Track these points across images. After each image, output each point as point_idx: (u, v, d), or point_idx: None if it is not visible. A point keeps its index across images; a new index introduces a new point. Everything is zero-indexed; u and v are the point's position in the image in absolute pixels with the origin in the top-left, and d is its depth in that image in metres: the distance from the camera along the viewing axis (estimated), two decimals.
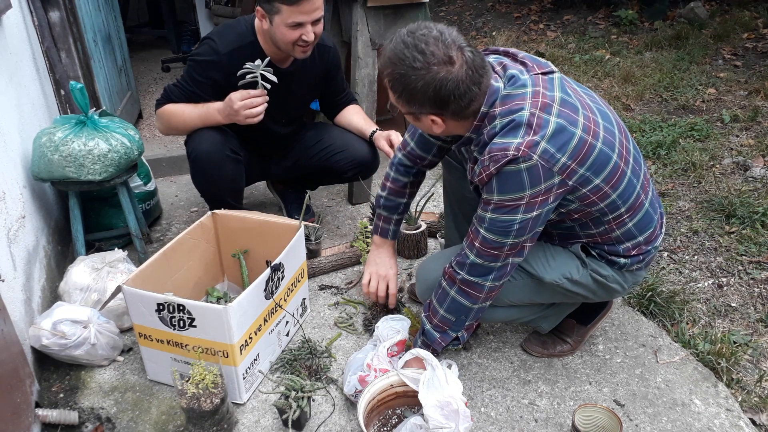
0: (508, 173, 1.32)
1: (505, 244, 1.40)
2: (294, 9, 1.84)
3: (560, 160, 1.32)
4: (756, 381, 1.73)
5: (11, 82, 2.05)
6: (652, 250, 1.58)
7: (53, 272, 2.12)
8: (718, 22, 5.65)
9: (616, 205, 1.45)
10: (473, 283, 1.48)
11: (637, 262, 1.57)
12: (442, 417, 1.36)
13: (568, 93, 1.39)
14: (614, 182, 1.41)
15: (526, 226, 1.38)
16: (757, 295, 2.13)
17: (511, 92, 1.36)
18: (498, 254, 1.43)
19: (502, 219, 1.37)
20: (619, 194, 1.43)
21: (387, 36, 2.65)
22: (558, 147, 1.31)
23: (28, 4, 2.40)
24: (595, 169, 1.37)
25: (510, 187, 1.34)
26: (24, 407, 1.48)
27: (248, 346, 1.62)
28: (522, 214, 1.36)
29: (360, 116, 2.35)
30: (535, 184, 1.32)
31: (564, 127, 1.32)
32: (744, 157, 3.11)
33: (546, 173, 1.32)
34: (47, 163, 1.98)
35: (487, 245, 1.42)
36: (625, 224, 1.50)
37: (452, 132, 1.45)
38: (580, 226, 1.52)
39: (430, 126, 1.41)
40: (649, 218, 1.53)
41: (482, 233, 1.41)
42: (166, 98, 2.08)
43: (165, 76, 4.83)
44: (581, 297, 1.64)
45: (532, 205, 1.35)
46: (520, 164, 1.30)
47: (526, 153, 1.29)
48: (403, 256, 2.38)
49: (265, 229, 1.96)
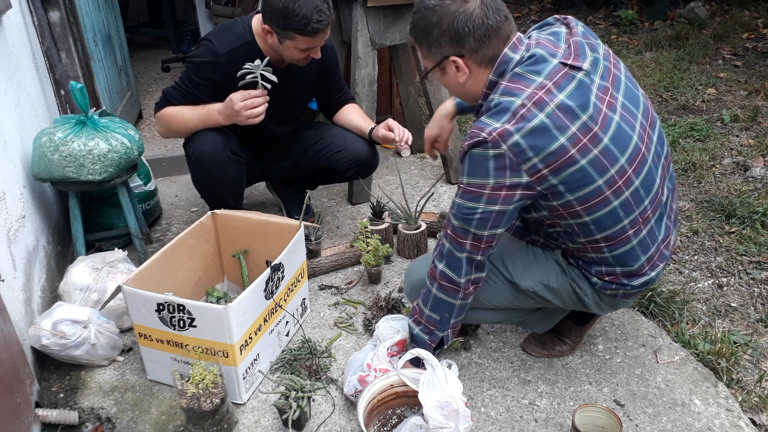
0: (477, 156, 1.31)
1: (469, 233, 1.39)
2: (309, 39, 1.88)
3: (531, 160, 1.27)
4: (756, 381, 1.73)
5: (11, 82, 2.05)
6: (630, 287, 1.48)
7: (53, 272, 2.12)
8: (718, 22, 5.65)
9: (588, 230, 1.40)
10: (449, 277, 1.47)
11: (611, 289, 1.50)
12: (442, 417, 1.36)
13: (581, 98, 1.29)
14: (590, 206, 1.35)
15: (488, 218, 1.35)
16: (757, 295, 2.13)
17: (521, 73, 1.32)
18: (463, 242, 1.41)
19: (466, 205, 1.37)
20: (595, 220, 1.37)
21: (387, 36, 2.65)
22: (532, 146, 1.26)
23: (28, 4, 2.40)
24: (569, 185, 1.31)
25: (475, 170, 1.32)
26: (24, 407, 1.48)
27: (248, 346, 1.62)
28: (484, 204, 1.34)
29: (358, 115, 2.35)
30: (500, 175, 1.30)
31: (548, 128, 1.26)
32: (744, 157, 3.11)
33: (513, 168, 1.28)
34: (47, 163, 1.98)
35: (454, 232, 1.42)
36: (601, 251, 1.45)
37: (474, 87, 1.42)
38: (557, 234, 1.51)
39: (455, 76, 1.40)
40: (633, 256, 1.44)
41: (451, 220, 1.42)
42: (165, 101, 2.08)
43: (165, 76, 4.83)
44: (558, 305, 1.61)
45: (494, 197, 1.32)
46: (489, 150, 1.28)
47: (496, 140, 1.27)
48: (403, 256, 2.38)
49: (265, 229, 1.96)
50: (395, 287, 2.19)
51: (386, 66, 3.24)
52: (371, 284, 2.22)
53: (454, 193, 2.91)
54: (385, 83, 3.38)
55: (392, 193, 2.88)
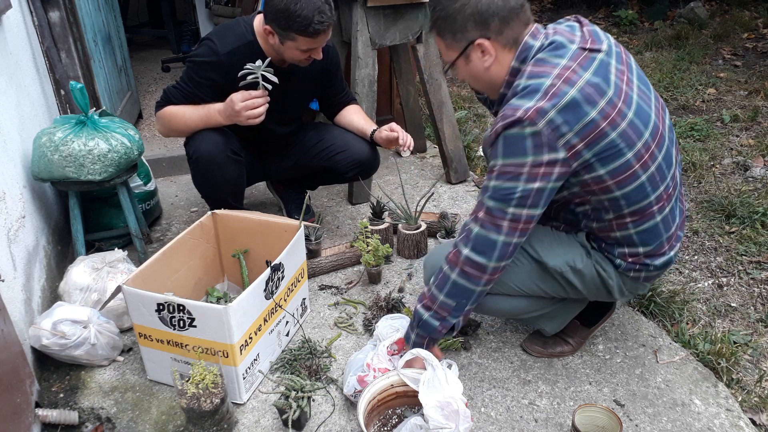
0: (512, 136, 1.33)
1: (507, 214, 1.38)
2: (310, 40, 1.89)
3: (566, 135, 1.31)
4: (756, 381, 1.73)
5: (11, 82, 2.05)
6: (653, 267, 1.52)
7: (53, 272, 2.12)
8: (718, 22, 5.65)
9: (618, 205, 1.43)
10: (476, 262, 1.44)
11: (634, 270, 1.54)
12: (442, 417, 1.36)
13: (604, 76, 1.35)
14: (621, 180, 1.38)
15: (527, 196, 1.36)
16: (757, 295, 2.13)
17: (545, 57, 1.37)
18: (500, 225, 1.40)
19: (504, 186, 1.37)
20: (624, 195, 1.41)
21: (387, 36, 2.65)
22: (566, 121, 1.30)
23: (28, 4, 2.40)
24: (602, 159, 1.35)
25: (513, 150, 1.33)
26: (24, 407, 1.48)
27: (248, 346, 1.62)
28: (524, 183, 1.34)
29: (360, 116, 2.35)
30: (538, 153, 1.32)
31: (579, 103, 1.30)
32: (744, 157, 3.11)
33: (550, 145, 1.31)
34: (47, 163, 1.98)
35: (490, 214, 1.40)
36: (626, 228, 1.47)
37: (498, 72, 1.44)
38: (583, 214, 1.52)
39: (480, 62, 1.43)
40: (656, 233, 1.48)
41: (485, 203, 1.41)
42: (165, 100, 2.08)
43: (165, 76, 4.83)
44: (582, 292, 1.61)
45: (534, 176, 1.34)
46: (525, 128, 1.31)
47: (533, 118, 1.29)
48: (403, 256, 2.39)
49: (265, 229, 1.96)
50: (395, 287, 2.19)
51: (386, 66, 3.24)
52: (371, 284, 2.22)
53: (454, 193, 2.91)
54: (385, 83, 3.38)
55: (392, 193, 2.88)
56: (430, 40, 2.81)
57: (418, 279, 2.25)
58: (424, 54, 2.81)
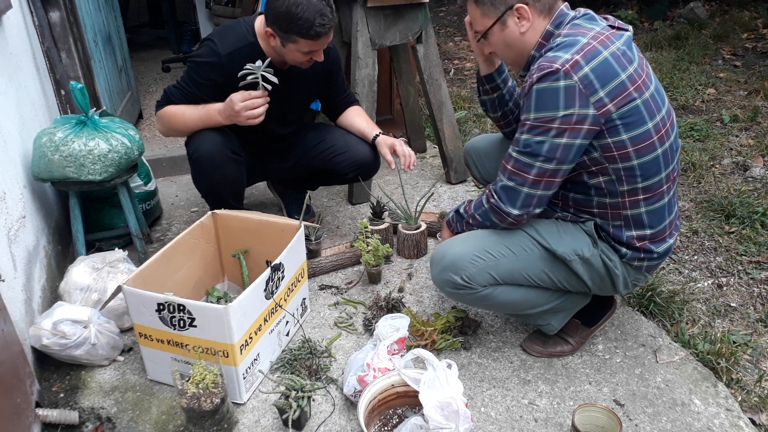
0: (546, 89, 1.37)
1: (533, 167, 1.44)
2: (312, 42, 1.89)
3: (598, 93, 1.36)
4: (756, 381, 1.73)
5: (11, 82, 2.05)
6: (656, 254, 1.57)
7: (53, 272, 2.12)
8: (717, 22, 5.65)
9: (633, 175, 1.46)
10: (501, 210, 1.53)
11: (638, 259, 1.57)
12: (442, 417, 1.36)
13: (631, 49, 1.46)
14: (640, 148, 1.43)
15: (554, 150, 1.41)
16: (756, 295, 2.13)
17: (581, 23, 1.46)
18: (526, 176, 1.46)
19: (533, 140, 1.42)
20: (641, 165, 1.45)
21: (387, 36, 2.65)
22: (599, 78, 1.36)
23: (28, 4, 2.40)
24: (627, 123, 1.40)
25: (545, 103, 1.38)
26: (24, 407, 1.48)
27: (248, 346, 1.62)
28: (552, 137, 1.40)
29: (362, 118, 2.35)
30: (569, 106, 1.36)
31: (611, 64, 1.37)
32: (744, 157, 3.11)
33: (582, 100, 1.36)
34: (47, 163, 1.98)
35: (517, 166, 1.47)
36: (637, 206, 1.51)
37: (531, 38, 1.50)
38: (596, 190, 1.54)
39: (516, 28, 1.48)
40: (662, 215, 1.54)
41: (514, 156, 1.47)
42: (166, 100, 2.08)
43: (165, 76, 4.83)
44: (587, 284, 1.62)
45: (562, 131, 1.39)
46: (560, 81, 1.35)
47: (568, 71, 1.35)
48: (403, 256, 2.39)
49: (265, 229, 1.96)
50: (395, 287, 2.20)
51: (386, 66, 3.24)
52: (371, 284, 2.22)
53: (454, 193, 2.92)
54: (385, 83, 3.38)
55: (392, 193, 2.88)
56: (430, 40, 2.81)
57: (418, 279, 2.25)
58: (424, 54, 2.81)
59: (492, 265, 1.58)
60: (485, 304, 1.67)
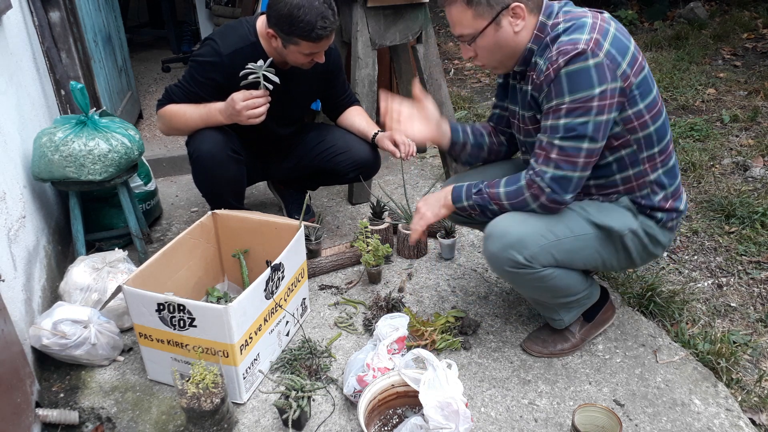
0: (577, 71, 1.38)
1: (582, 150, 1.43)
2: (313, 44, 1.90)
3: (621, 65, 1.40)
4: (756, 381, 1.73)
5: (11, 82, 2.05)
6: (681, 210, 1.63)
7: (53, 272, 2.12)
8: (717, 22, 5.65)
9: (651, 141, 1.52)
10: (556, 201, 1.50)
11: (670, 220, 1.61)
12: (442, 417, 1.36)
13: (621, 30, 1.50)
14: (654, 113, 1.49)
15: (598, 129, 1.42)
16: (756, 295, 2.13)
17: (571, 9, 1.50)
18: (576, 161, 1.45)
19: (576, 122, 1.41)
20: (656, 129, 1.51)
21: (387, 36, 2.65)
22: (618, 52, 1.40)
23: (28, 4, 2.40)
24: (642, 91, 1.45)
25: (580, 84, 1.39)
26: (24, 407, 1.48)
27: (248, 346, 1.62)
28: (594, 116, 1.40)
29: (363, 118, 2.35)
30: (603, 83, 1.38)
31: (621, 39, 1.43)
32: (744, 157, 3.11)
33: (611, 74, 1.39)
34: (47, 163, 1.98)
35: (564, 153, 1.45)
36: (656, 168, 1.56)
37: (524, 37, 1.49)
38: (618, 165, 1.55)
39: (510, 27, 1.47)
40: (675, 170, 1.61)
41: (557, 143, 1.45)
42: (167, 98, 2.08)
43: (165, 76, 4.83)
44: (634, 259, 1.63)
45: (602, 108, 1.40)
46: (589, 60, 1.37)
47: (594, 49, 1.37)
48: (403, 256, 2.39)
49: (265, 229, 1.96)
50: (395, 287, 2.20)
51: (386, 66, 3.24)
52: (371, 284, 2.22)
53: None
54: (385, 83, 3.38)
55: (392, 193, 2.88)
56: (430, 40, 2.81)
57: (418, 279, 2.25)
58: (424, 54, 2.81)
59: (554, 245, 1.54)
60: (536, 285, 1.61)
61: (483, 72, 5.14)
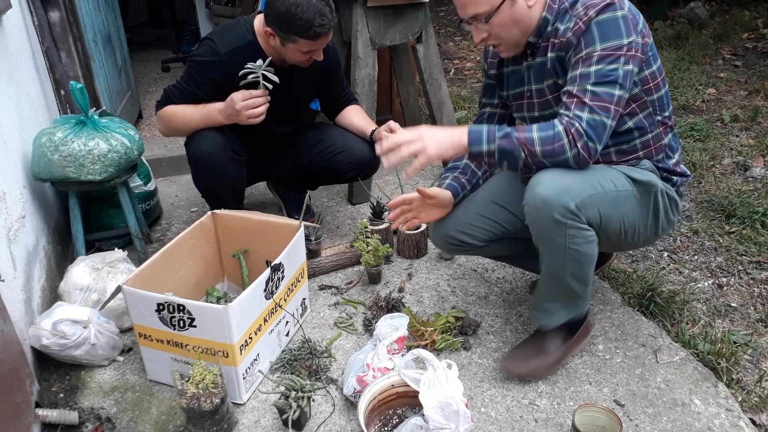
0: (608, 21, 1.43)
1: (614, 96, 1.44)
2: (311, 42, 1.90)
3: (639, 23, 1.47)
4: (756, 381, 1.73)
5: (11, 82, 2.05)
6: (687, 174, 1.70)
7: (53, 272, 2.12)
8: (718, 22, 5.65)
9: (663, 103, 1.59)
10: (592, 149, 1.44)
11: (681, 184, 1.68)
12: (442, 418, 1.36)
13: None
14: (662, 77, 1.57)
15: (626, 77, 1.45)
16: (757, 295, 2.13)
17: None
18: (609, 107, 1.44)
19: (608, 69, 1.43)
20: (665, 93, 1.59)
21: (387, 36, 2.65)
22: (635, 12, 1.48)
23: (28, 4, 2.40)
24: (653, 54, 1.53)
25: (611, 33, 1.43)
26: (24, 407, 1.48)
27: (248, 346, 1.62)
28: (623, 64, 1.43)
29: (361, 116, 2.35)
30: (629, 34, 1.44)
31: (633, 5, 1.50)
32: (744, 157, 3.11)
33: (634, 28, 1.45)
34: (47, 163, 1.98)
35: (598, 98, 1.44)
36: (668, 132, 1.63)
37: (536, 12, 1.52)
38: (638, 130, 1.60)
39: (524, 1, 1.49)
40: (677, 138, 1.70)
41: (590, 89, 1.44)
42: (166, 99, 2.08)
43: (165, 76, 4.84)
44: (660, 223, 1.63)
45: (629, 57, 1.44)
46: (617, 12, 1.43)
47: (621, 2, 1.44)
48: (403, 256, 2.39)
49: (265, 229, 1.96)
50: (395, 287, 2.19)
51: (386, 66, 3.24)
52: (371, 284, 2.22)
53: None
54: (385, 83, 3.38)
55: (392, 193, 2.88)
56: (430, 40, 2.81)
57: (418, 279, 2.25)
58: (424, 54, 2.81)
59: (601, 197, 1.48)
60: (571, 248, 1.50)
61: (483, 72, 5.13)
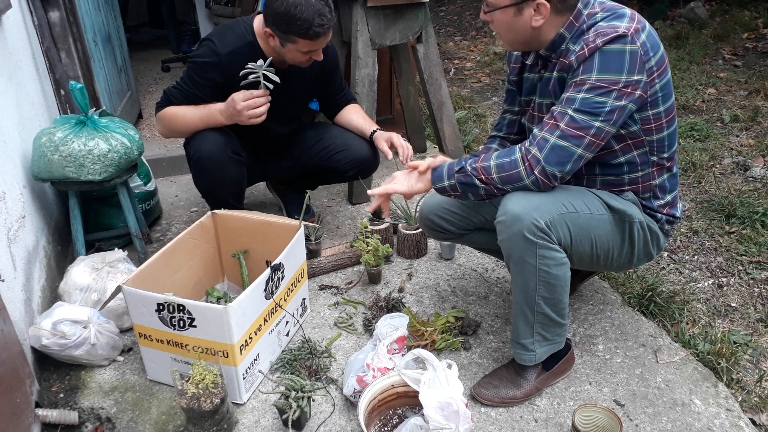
0: (612, 52, 1.40)
1: (592, 127, 1.42)
2: (311, 42, 1.90)
3: (651, 60, 1.42)
4: (756, 381, 1.73)
5: (11, 82, 2.05)
6: (677, 216, 1.66)
7: (53, 272, 2.12)
8: (718, 22, 5.65)
9: (663, 145, 1.55)
10: (551, 174, 1.46)
11: (668, 222, 1.65)
12: (442, 418, 1.36)
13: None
14: (670, 118, 1.53)
15: (613, 112, 1.42)
16: (757, 295, 2.13)
17: (605, 0, 1.51)
18: (583, 137, 1.43)
19: (595, 100, 1.41)
20: (669, 134, 1.54)
21: (387, 36, 2.65)
22: (652, 47, 1.42)
23: (28, 4, 2.40)
24: (665, 94, 1.48)
25: (611, 66, 1.40)
26: (24, 407, 1.48)
27: (248, 346, 1.62)
28: (613, 99, 1.41)
29: (360, 115, 2.35)
30: (632, 72, 1.40)
31: (655, 37, 1.45)
32: (744, 157, 3.11)
33: (641, 65, 1.41)
34: (47, 163, 1.98)
35: (573, 125, 1.43)
36: (662, 173, 1.60)
37: (547, 32, 1.50)
38: (629, 166, 1.57)
39: (529, 19, 1.47)
40: (676, 179, 1.65)
41: (570, 114, 1.43)
42: (166, 101, 2.08)
43: (165, 76, 4.83)
44: (636, 253, 1.63)
45: (623, 94, 1.41)
46: (627, 45, 1.39)
47: (634, 36, 1.39)
48: (403, 256, 2.39)
49: (265, 229, 1.96)
50: (395, 287, 2.19)
51: (386, 66, 3.24)
52: (371, 284, 2.22)
53: None
54: (385, 83, 3.38)
55: None
56: (430, 39, 2.81)
57: (418, 279, 2.25)
58: (424, 54, 2.81)
59: (572, 218, 1.50)
60: (542, 269, 1.50)
61: (483, 71, 5.14)
